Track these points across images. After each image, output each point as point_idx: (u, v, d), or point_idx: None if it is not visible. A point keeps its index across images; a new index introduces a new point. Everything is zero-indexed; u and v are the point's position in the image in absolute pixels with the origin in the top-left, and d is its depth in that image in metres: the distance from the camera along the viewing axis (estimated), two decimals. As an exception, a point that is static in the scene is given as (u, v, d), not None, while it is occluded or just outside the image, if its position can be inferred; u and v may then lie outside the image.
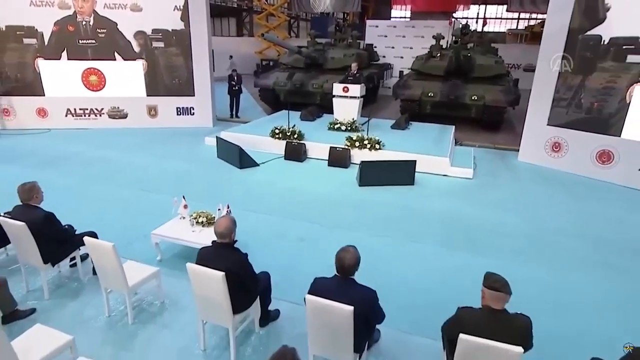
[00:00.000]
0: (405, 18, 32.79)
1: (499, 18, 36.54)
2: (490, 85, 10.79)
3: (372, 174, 6.94)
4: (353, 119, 9.21)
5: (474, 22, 31.68)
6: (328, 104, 9.82)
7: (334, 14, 30.50)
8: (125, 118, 10.60)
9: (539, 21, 25.89)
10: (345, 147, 7.99)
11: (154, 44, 10.25)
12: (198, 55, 10.42)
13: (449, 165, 7.51)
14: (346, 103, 9.24)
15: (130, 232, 4.95)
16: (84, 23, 9.86)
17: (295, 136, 8.46)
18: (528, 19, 33.47)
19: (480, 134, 10.70)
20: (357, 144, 8.00)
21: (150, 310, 3.75)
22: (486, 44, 12.62)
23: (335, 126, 9.24)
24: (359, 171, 7.01)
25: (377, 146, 7.94)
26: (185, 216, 4.58)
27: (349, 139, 8.11)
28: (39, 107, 10.16)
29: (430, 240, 5.22)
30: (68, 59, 10.02)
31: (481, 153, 9.07)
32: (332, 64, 12.73)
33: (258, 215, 5.70)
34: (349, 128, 9.06)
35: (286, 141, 8.33)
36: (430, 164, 7.50)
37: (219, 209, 4.42)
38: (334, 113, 9.48)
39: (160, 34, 10.20)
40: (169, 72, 10.50)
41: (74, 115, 10.39)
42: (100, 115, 10.50)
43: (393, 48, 17.57)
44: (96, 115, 10.48)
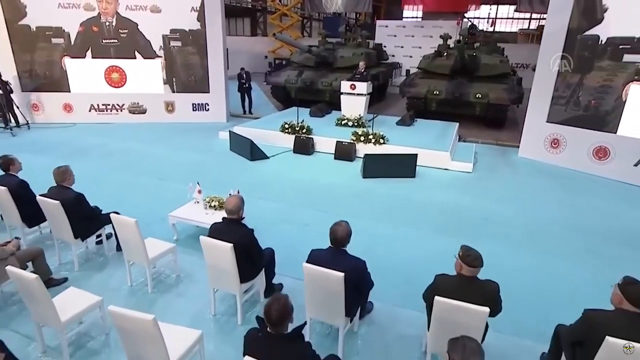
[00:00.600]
0: (417, 18, 32.83)
1: (510, 18, 36.26)
2: (494, 83, 10.94)
3: (375, 167, 7.22)
4: (360, 115, 9.48)
5: (484, 22, 31.55)
6: (337, 101, 10.10)
7: (346, 14, 30.66)
8: (145, 113, 11.07)
9: (550, 21, 25.65)
10: (351, 142, 8.29)
11: (172, 43, 10.68)
12: (213, 54, 10.81)
13: (449, 160, 7.75)
14: (353, 100, 9.52)
15: (149, 216, 5.32)
16: (107, 24, 10.34)
17: (304, 131, 8.79)
18: (539, 19, 33.13)
19: (484, 131, 10.87)
20: (362, 138, 8.29)
21: (167, 281, 4.14)
22: (492, 43, 12.74)
23: (343, 122, 9.53)
24: (363, 164, 7.31)
25: (382, 141, 8.21)
26: (199, 200, 4.95)
27: (355, 134, 8.41)
28: (65, 103, 10.69)
29: (427, 227, 5.51)
30: (92, 58, 10.52)
31: (483, 149, 9.27)
32: (342, 63, 13.00)
33: (267, 202, 6.05)
34: (355, 124, 9.33)
35: (295, 135, 8.67)
36: (431, 158, 7.76)
37: (230, 194, 4.77)
38: (341, 109, 9.78)
39: (177, 34, 10.63)
40: (185, 70, 10.93)
41: (97, 111, 10.90)
42: (121, 111, 10.99)
43: (402, 47, 17.79)
44: (117, 111, 10.97)
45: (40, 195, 4.15)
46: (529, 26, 35.72)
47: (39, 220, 4.54)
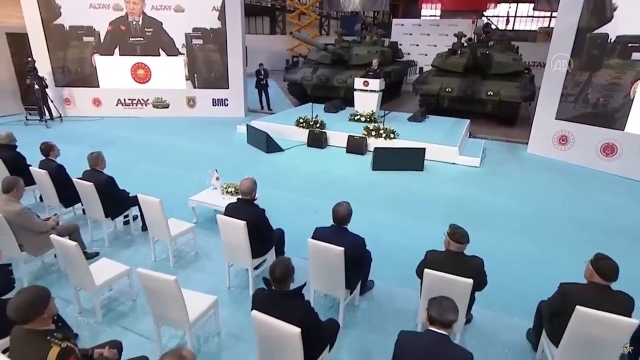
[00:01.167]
0: (435, 17, 32.66)
1: (530, 16, 35.66)
2: (506, 81, 10.97)
3: (384, 160, 7.46)
4: (372, 111, 9.71)
5: (502, 21, 31.13)
6: (351, 98, 10.33)
7: (364, 13, 30.78)
8: (168, 108, 11.57)
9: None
10: (362, 136, 8.54)
11: (194, 42, 11.12)
12: (233, 51, 11.21)
13: (457, 154, 7.93)
14: (366, 96, 9.77)
15: (172, 201, 5.61)
16: (134, 23, 10.85)
17: (318, 125, 9.08)
18: (559, 17, 32.43)
19: (495, 128, 10.94)
20: (374, 133, 8.54)
21: (187, 258, 4.51)
22: (506, 42, 12.74)
23: (355, 117, 9.78)
24: (373, 157, 7.56)
25: (392, 135, 8.44)
26: (217, 187, 5.30)
27: (366, 129, 8.66)
28: (95, 97, 11.27)
29: (431, 216, 5.73)
30: (120, 55, 11.06)
31: (493, 145, 9.38)
32: (357, 61, 13.21)
33: (280, 191, 6.37)
34: (368, 119, 9.57)
35: (309, 130, 8.97)
36: (440, 153, 7.95)
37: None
38: (354, 105, 10.03)
39: (199, 32, 11.06)
40: (206, 67, 11.36)
41: (123, 105, 11.44)
42: (146, 105, 11.51)
43: (417, 46, 17.85)
44: (142, 105, 11.49)
45: (76, 178, 4.58)
46: (549, 24, 35.02)
47: (73, 202, 4.98)
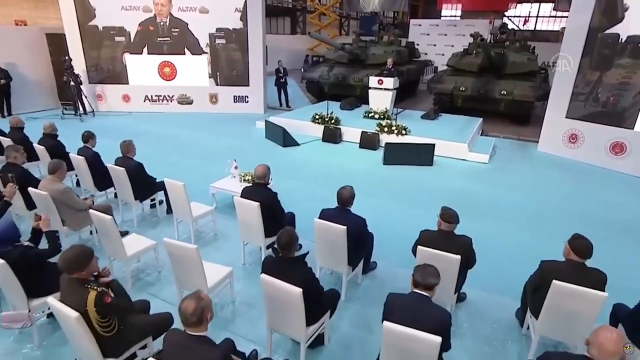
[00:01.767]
0: (455, 17, 32.42)
1: (553, 17, 34.95)
2: (520, 81, 11.01)
3: (395, 155, 7.71)
4: (386, 109, 9.94)
5: (521, 21, 30.71)
6: (367, 96, 10.50)
7: (384, 13, 30.83)
8: (191, 104, 12.09)
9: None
10: (375, 132, 8.80)
11: (217, 41, 11.59)
12: (253, 50, 11.63)
13: (467, 151, 8.10)
14: (380, 94, 10.00)
15: (194, 188, 5.96)
16: (162, 23, 11.39)
17: (333, 121, 9.39)
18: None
19: (508, 127, 11.00)
20: (386, 129, 8.79)
21: (207, 238, 4.90)
22: (522, 42, 12.73)
23: (370, 115, 10.03)
24: (384, 151, 7.82)
25: (404, 132, 8.67)
26: (235, 175, 5.67)
27: (379, 125, 8.91)
28: (124, 94, 11.89)
29: (436, 207, 5.76)
30: (148, 54, 11.63)
31: (504, 143, 9.49)
32: (373, 60, 13.42)
33: (295, 182, 6.71)
34: (382, 117, 9.80)
35: (324, 126, 9.29)
36: (449, 149, 8.14)
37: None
38: (369, 103, 10.28)
39: (222, 33, 11.53)
40: (228, 65, 11.82)
41: (150, 101, 12.02)
42: (171, 101, 12.06)
43: (435, 46, 17.92)
44: (168, 101, 12.05)
45: (109, 164, 5.04)
46: (572, 24, 34.26)
47: (106, 186, 5.45)
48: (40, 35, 11.45)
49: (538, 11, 35.02)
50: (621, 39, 7.34)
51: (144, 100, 11.99)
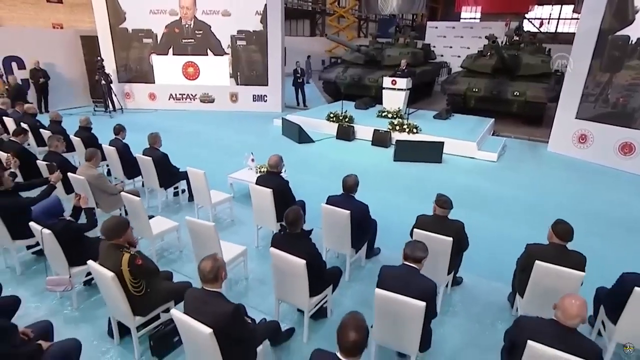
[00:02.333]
0: (475, 19, 32.17)
1: (575, 19, 34.26)
2: (533, 82, 11.04)
3: (406, 151, 7.94)
4: (399, 108, 10.16)
5: (540, 23, 30.23)
6: (382, 96, 10.75)
7: (402, 16, 30.88)
8: (213, 102, 12.58)
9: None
10: (387, 130, 9.04)
11: (238, 43, 12.04)
12: (272, 52, 12.03)
13: (475, 149, 8.25)
14: (394, 94, 10.22)
15: (214, 179, 6.30)
16: (187, 26, 11.92)
17: (347, 120, 9.67)
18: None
19: (520, 127, 11.04)
20: (398, 128, 9.01)
21: (224, 223, 5.27)
22: (537, 44, 12.72)
23: (383, 114, 10.26)
24: (394, 148, 8.05)
25: (415, 130, 8.88)
26: (252, 167, 6.03)
27: (391, 124, 9.15)
28: (150, 92, 12.48)
29: None
30: (173, 55, 12.18)
31: (514, 143, 9.58)
32: (389, 61, 13.61)
33: (309, 176, 7.01)
34: (395, 116, 10.02)
35: (338, 124, 9.59)
36: (459, 147, 8.31)
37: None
38: (383, 103, 10.52)
39: (243, 34, 11.97)
40: (248, 66, 12.27)
41: (174, 99, 12.58)
42: (194, 100, 12.58)
43: (451, 48, 17.96)
44: (191, 100, 12.58)
45: (137, 154, 5.48)
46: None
47: (134, 175, 5.90)
48: (75, 38, 12.15)
49: (559, 13, 34.40)
50: (631, 41, 7.37)
51: (169, 99, 12.55)
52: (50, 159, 4.88)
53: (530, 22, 33.16)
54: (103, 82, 11.22)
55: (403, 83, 10.01)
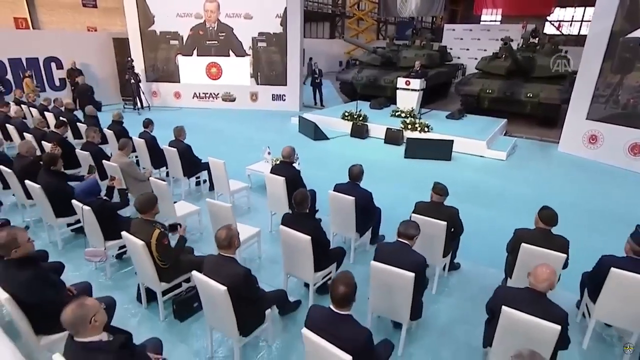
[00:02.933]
0: (495, 22, 31.84)
1: (598, 20, 33.44)
2: (548, 84, 11.05)
3: (416, 149, 8.17)
4: (412, 108, 10.37)
5: (564, 25, 29.66)
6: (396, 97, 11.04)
7: (422, 19, 30.90)
8: (234, 101, 13.08)
9: None
10: (400, 129, 9.28)
11: (259, 44, 12.49)
12: (291, 53, 12.42)
13: (485, 148, 8.40)
14: (407, 94, 10.44)
15: (233, 172, 6.77)
16: (211, 28, 12.44)
17: (361, 119, 9.96)
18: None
19: (534, 129, 11.07)
20: (410, 126, 9.24)
21: (241, 211, 5.64)
22: (554, 46, 12.67)
23: (397, 113, 10.49)
24: (405, 145, 8.29)
25: (426, 129, 9.09)
26: (268, 160, 6.39)
27: (403, 122, 9.38)
28: (176, 91, 13.07)
29: (449, 196, 6.38)
30: (197, 56, 12.73)
31: (525, 143, 9.66)
32: (404, 63, 13.78)
33: (322, 172, 7.28)
34: (408, 115, 10.24)
35: (352, 122, 9.88)
36: (468, 146, 8.48)
37: (290, 155, 6.14)
38: (397, 102, 10.75)
39: (264, 36, 12.42)
40: (268, 66, 12.70)
41: (198, 98, 13.13)
42: (216, 99, 13.11)
43: (468, 50, 17.96)
44: (213, 98, 13.11)
45: (164, 146, 5.93)
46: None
47: (160, 165, 6.36)
48: (108, 40, 12.86)
49: (583, 15, 33.66)
50: (642, 43, 7.40)
51: (193, 97, 13.11)
52: (86, 148, 5.36)
53: (552, 25, 32.61)
54: (132, 81, 11.85)
55: (417, 84, 10.22)
